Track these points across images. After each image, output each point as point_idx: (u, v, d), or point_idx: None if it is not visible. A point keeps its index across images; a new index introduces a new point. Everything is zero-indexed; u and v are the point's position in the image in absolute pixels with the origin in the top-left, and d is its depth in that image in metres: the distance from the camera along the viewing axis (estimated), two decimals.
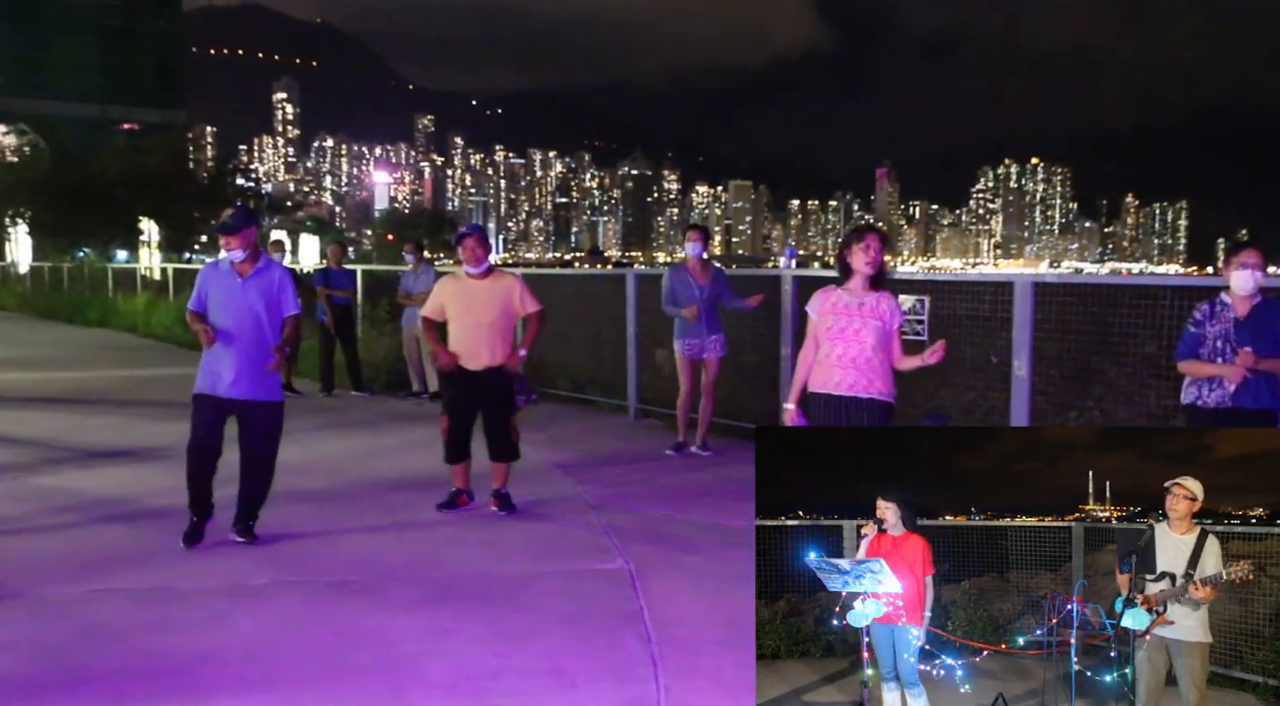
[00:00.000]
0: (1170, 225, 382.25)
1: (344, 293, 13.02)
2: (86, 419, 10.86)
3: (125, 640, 4.60)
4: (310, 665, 4.32)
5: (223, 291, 6.04)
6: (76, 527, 6.50)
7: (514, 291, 6.82)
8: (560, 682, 4.16)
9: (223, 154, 79.12)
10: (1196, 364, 5.37)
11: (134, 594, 5.25)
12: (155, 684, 4.12)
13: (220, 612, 4.97)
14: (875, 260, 5.41)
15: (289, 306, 6.15)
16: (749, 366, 10.03)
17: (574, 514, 6.94)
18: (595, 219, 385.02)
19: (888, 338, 5.41)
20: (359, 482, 7.84)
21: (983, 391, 7.98)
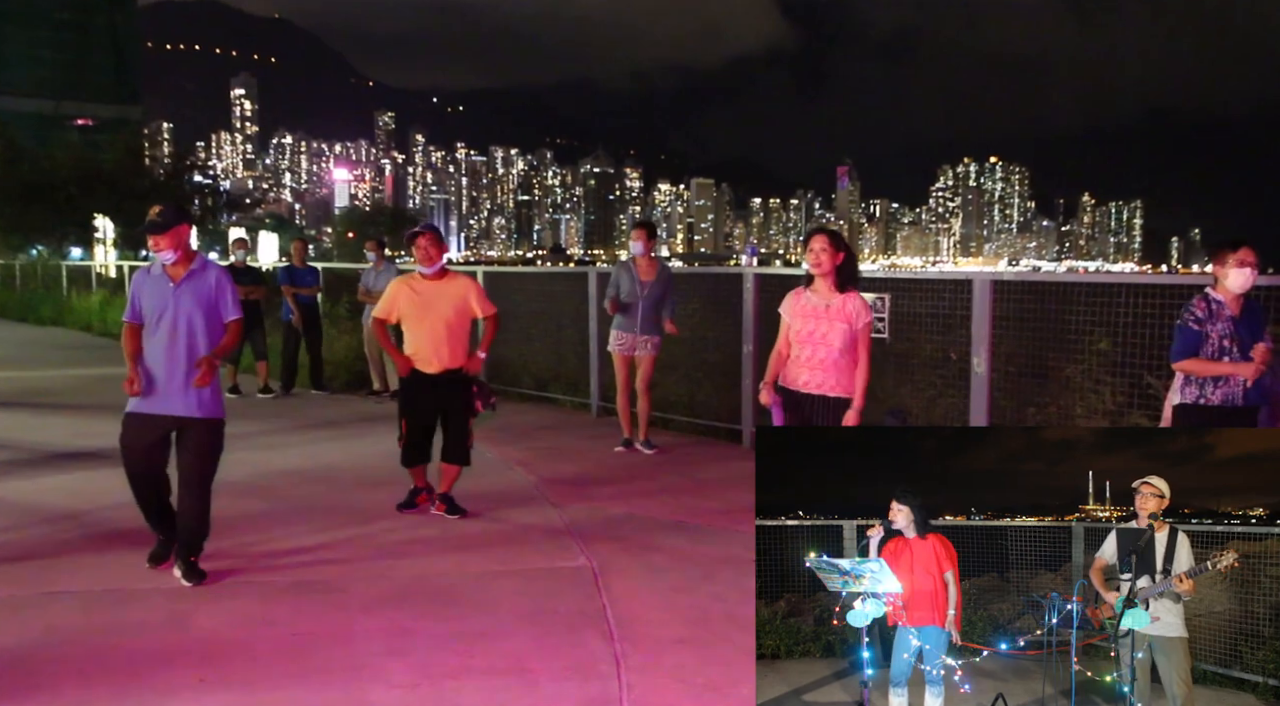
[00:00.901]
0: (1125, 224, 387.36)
1: (309, 290, 12.92)
2: (39, 419, 10.69)
3: (83, 642, 4.54)
4: (270, 665, 4.29)
5: (155, 298, 5.44)
6: (31, 529, 6.40)
7: (468, 293, 6.68)
8: (522, 681, 4.15)
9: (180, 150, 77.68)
10: (1204, 363, 5.22)
11: (91, 596, 5.18)
12: (114, 686, 4.07)
13: (179, 613, 4.92)
14: (819, 261, 5.60)
15: (230, 311, 5.54)
16: (710, 363, 10.06)
17: (536, 512, 6.93)
18: (557, 217, 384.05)
19: (853, 338, 5.58)
20: (320, 482, 7.78)
21: (942, 388, 8.05)
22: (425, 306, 6.58)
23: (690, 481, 7.86)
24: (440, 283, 6.66)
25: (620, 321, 8.88)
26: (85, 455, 8.66)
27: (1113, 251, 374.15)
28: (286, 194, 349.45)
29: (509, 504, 7.06)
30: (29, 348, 19.44)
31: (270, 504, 7.05)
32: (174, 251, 5.42)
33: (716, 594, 5.25)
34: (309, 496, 7.32)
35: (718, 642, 4.57)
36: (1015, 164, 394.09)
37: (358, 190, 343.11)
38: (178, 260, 5.45)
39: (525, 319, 12.36)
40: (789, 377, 5.69)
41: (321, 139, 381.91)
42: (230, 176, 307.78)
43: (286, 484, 7.70)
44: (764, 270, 9.54)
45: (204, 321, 5.45)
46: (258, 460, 8.52)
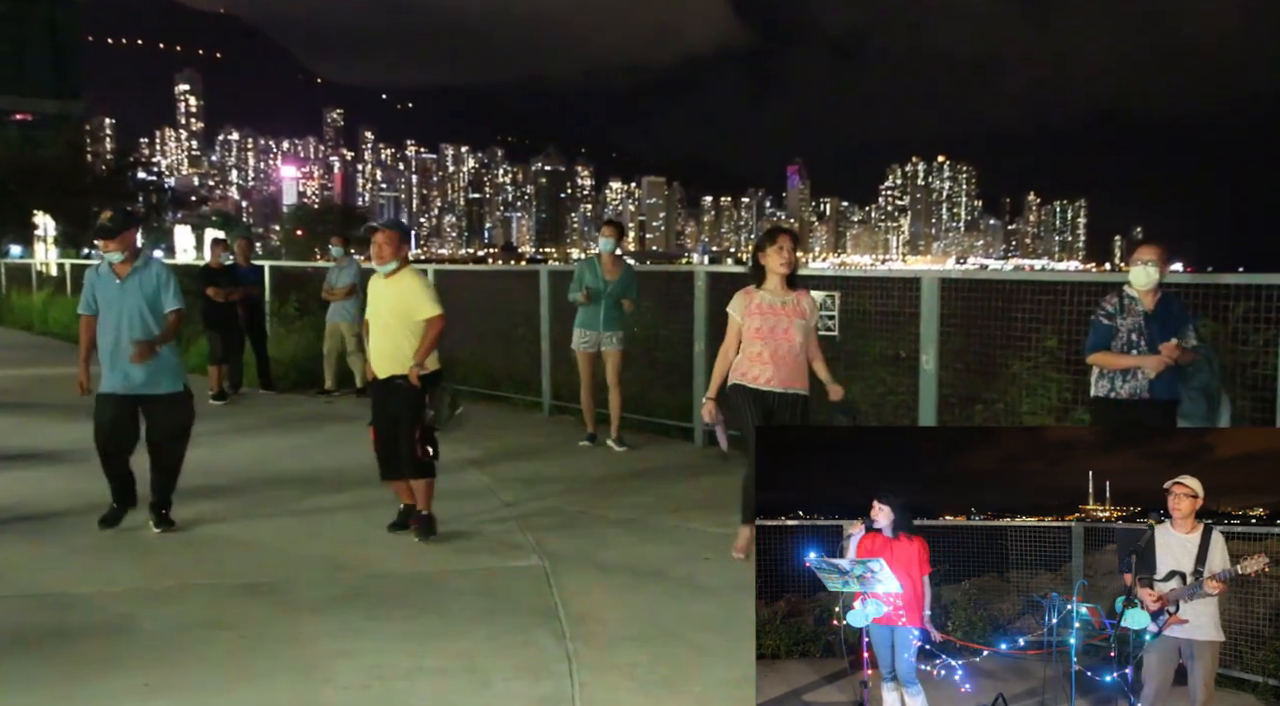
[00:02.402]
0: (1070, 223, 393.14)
1: (253, 288, 12.76)
2: None
3: (28, 646, 4.46)
4: (218, 668, 4.24)
5: (105, 293, 6.16)
6: None
7: (412, 293, 6.13)
8: (474, 681, 4.14)
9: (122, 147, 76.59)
10: (1112, 356, 5.42)
11: (36, 599, 5.08)
12: (59, 691, 4.01)
13: (124, 617, 4.85)
14: (789, 260, 5.67)
15: (169, 302, 6.21)
16: (662, 362, 10.08)
17: (487, 511, 6.90)
18: (509, 215, 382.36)
19: (809, 333, 5.71)
20: (269, 482, 7.70)
21: (891, 385, 8.13)
22: (377, 307, 6.23)
23: (642, 480, 7.87)
24: (389, 281, 6.21)
25: (583, 318, 8.88)
26: (26, 456, 8.49)
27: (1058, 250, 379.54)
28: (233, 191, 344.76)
29: (461, 502, 7.02)
30: None
31: (217, 504, 6.96)
32: (120, 252, 6.12)
33: (668, 591, 5.26)
34: (257, 496, 7.24)
35: (670, 639, 4.58)
36: (963, 163, 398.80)
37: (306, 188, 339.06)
38: (124, 259, 6.15)
39: (477, 318, 12.30)
40: (746, 374, 5.66)
41: (269, 136, 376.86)
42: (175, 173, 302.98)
43: (234, 484, 7.61)
44: (716, 268, 9.58)
45: (150, 312, 6.13)
46: (205, 460, 8.39)
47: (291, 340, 13.81)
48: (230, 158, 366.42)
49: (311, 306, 13.24)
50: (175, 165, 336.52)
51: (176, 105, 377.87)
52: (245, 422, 10.46)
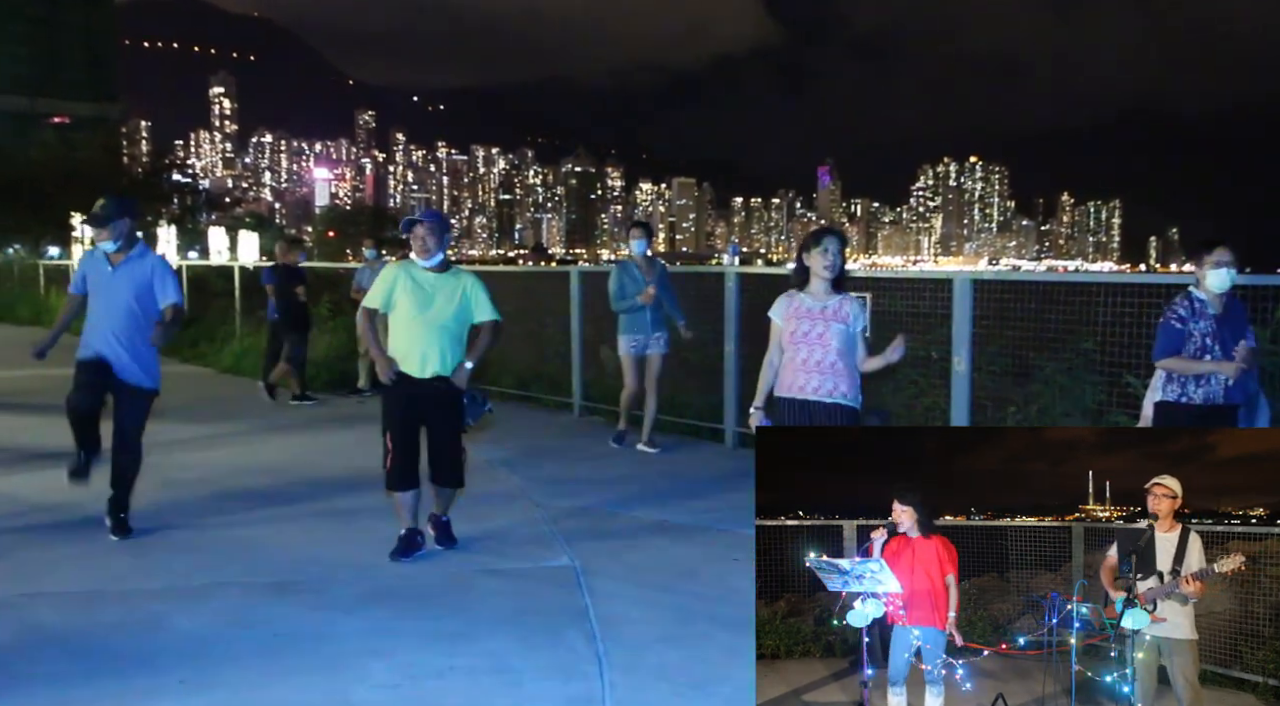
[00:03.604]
0: (1104, 223, 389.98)
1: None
2: (19, 419, 10.60)
3: (64, 643, 4.51)
4: (251, 666, 4.27)
5: (96, 278, 6.20)
6: (11, 530, 6.35)
7: (472, 294, 5.86)
8: (505, 681, 4.15)
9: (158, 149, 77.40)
10: (1185, 361, 5.25)
11: (72, 596, 5.14)
12: (95, 687, 4.04)
13: (160, 614, 4.89)
14: (834, 264, 5.37)
15: (168, 295, 6.14)
16: (693, 363, 10.06)
17: (518, 511, 6.92)
18: (539, 216, 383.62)
19: (852, 341, 5.38)
20: (301, 481, 7.75)
21: (923, 387, 8.08)
22: (421, 300, 5.74)
23: (673, 481, 7.86)
24: (442, 277, 5.83)
25: (628, 324, 8.78)
26: (63, 454, 8.58)
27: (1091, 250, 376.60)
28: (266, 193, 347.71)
29: (491, 503, 7.04)
30: (5, 348, 19.26)
31: (250, 503, 7.01)
32: (113, 241, 6.11)
33: (699, 593, 5.25)
34: (289, 495, 7.29)
35: (701, 641, 4.57)
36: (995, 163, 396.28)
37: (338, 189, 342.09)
38: (118, 248, 6.15)
39: (507, 318, 12.27)
40: (785, 384, 5.44)
41: (301, 138, 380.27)
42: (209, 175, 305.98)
43: (268, 483, 7.66)
44: (747, 269, 9.55)
45: (138, 304, 6.09)
46: (239, 459, 8.48)
47: (324, 340, 13.91)
48: (263, 159, 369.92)
49: (344, 307, 13.31)
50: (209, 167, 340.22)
51: (210, 108, 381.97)
52: (278, 422, 10.54)
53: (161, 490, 6.10)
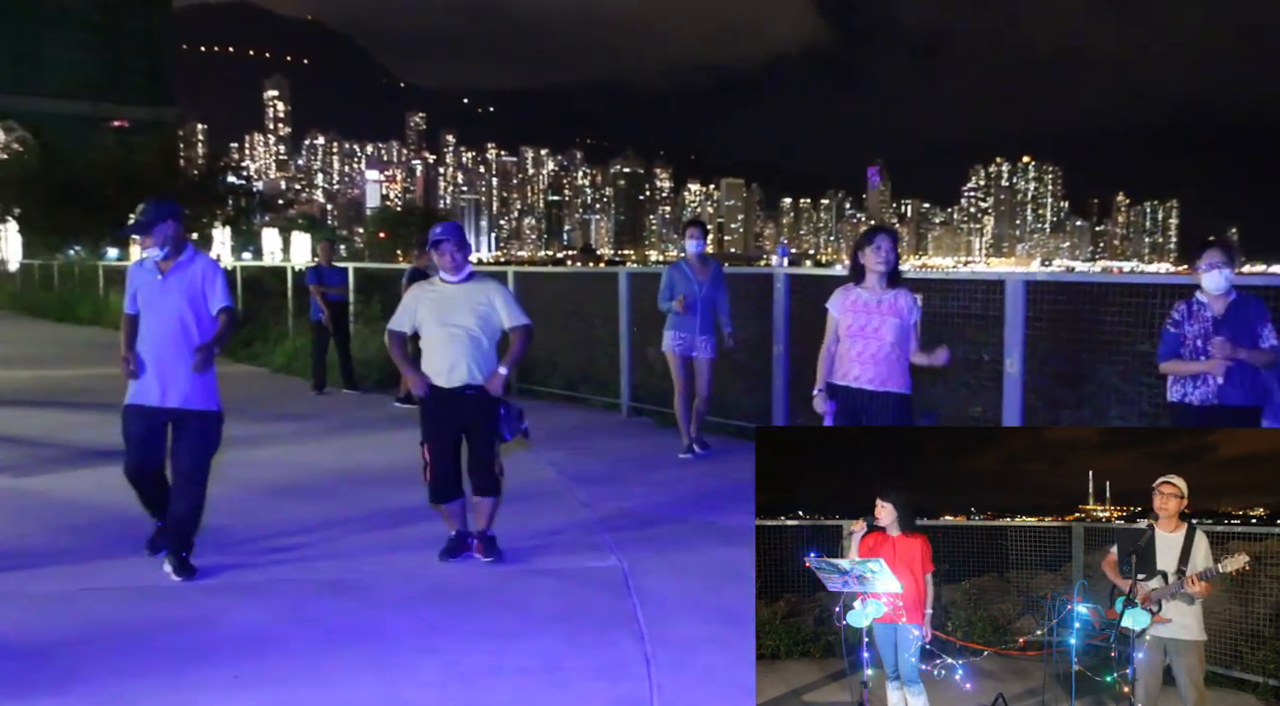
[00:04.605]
0: (1161, 224, 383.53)
1: (337, 289, 13.01)
2: (77, 417, 10.82)
3: (118, 638, 4.59)
4: (303, 663, 4.32)
5: (146, 291, 5.60)
6: (68, 526, 6.49)
7: (496, 302, 5.82)
8: (553, 680, 4.16)
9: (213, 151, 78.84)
10: (1178, 363, 5.41)
11: (126, 592, 5.24)
12: (149, 682, 4.12)
13: (213, 610, 4.97)
14: (886, 259, 5.68)
15: (219, 300, 5.58)
16: (740, 364, 10.04)
17: (567, 511, 6.94)
18: (587, 217, 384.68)
19: (906, 333, 5.66)
20: (352, 481, 7.83)
21: (974, 389, 7.99)
22: (448, 312, 5.74)
23: (720, 482, 7.84)
24: (467, 288, 5.81)
25: (676, 321, 8.70)
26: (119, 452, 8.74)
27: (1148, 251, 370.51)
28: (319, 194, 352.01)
29: (539, 503, 7.07)
30: (67, 347, 19.68)
31: (302, 502, 7.10)
32: (160, 247, 5.56)
33: (747, 594, 5.22)
34: (341, 495, 7.37)
35: (749, 644, 4.56)
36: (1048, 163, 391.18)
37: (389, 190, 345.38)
38: (166, 255, 5.59)
39: (555, 319, 12.38)
40: (839, 373, 5.75)
41: (353, 140, 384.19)
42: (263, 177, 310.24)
43: (319, 482, 7.76)
44: (795, 270, 9.51)
45: (191, 312, 5.53)
46: (290, 459, 8.59)
47: (375, 341, 14.04)
48: (316, 161, 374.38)
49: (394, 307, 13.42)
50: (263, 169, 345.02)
51: (265, 110, 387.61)
52: (330, 423, 10.66)
53: (214, 487, 6.18)
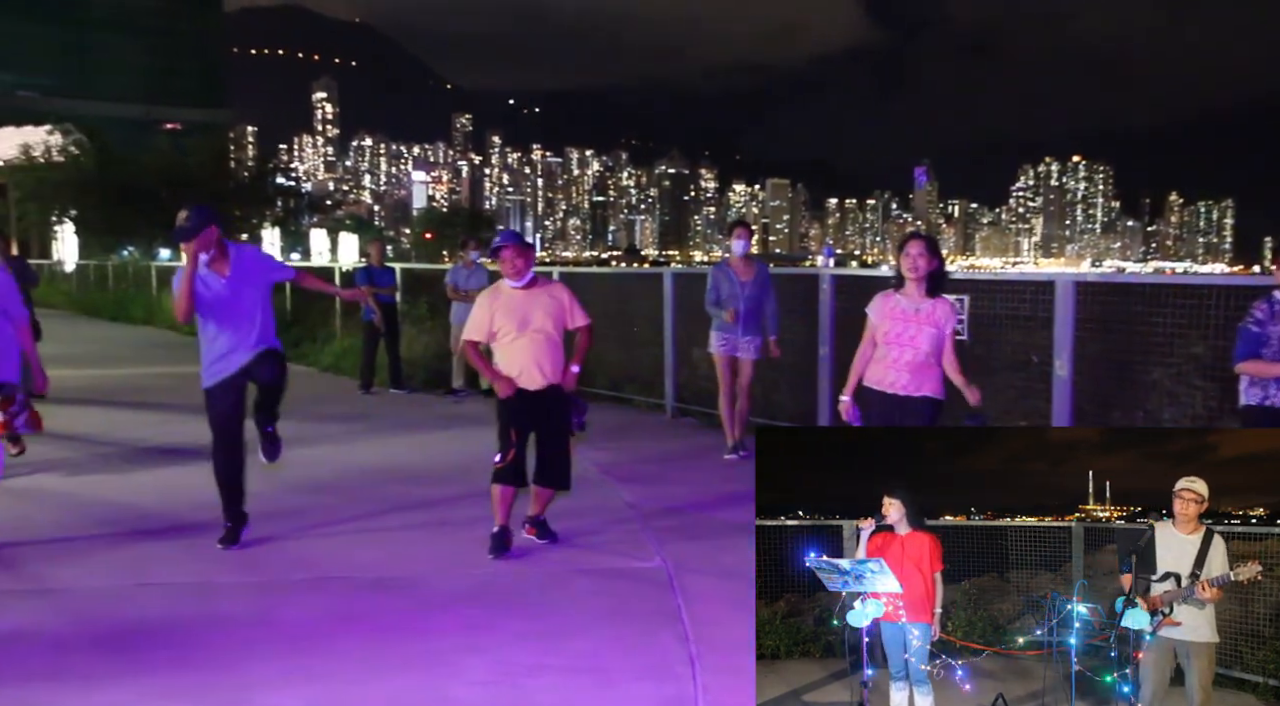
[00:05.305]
0: (1215, 224, 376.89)
1: (388, 290, 13.11)
2: (132, 415, 11.02)
3: (171, 634, 4.67)
4: (351, 660, 4.37)
5: (211, 296, 5.80)
6: (123, 523, 6.60)
7: (565, 303, 6.12)
8: (598, 681, 4.17)
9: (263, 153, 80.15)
10: (1262, 364, 5.19)
11: (180, 588, 5.33)
12: (200, 677, 4.18)
13: (263, 607, 5.04)
14: (915, 266, 5.67)
15: (280, 272, 6.14)
16: (785, 365, 10.00)
17: (611, 511, 6.96)
18: (632, 217, 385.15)
19: (941, 342, 5.67)
20: (398, 479, 7.90)
21: (1023, 391, 7.91)
22: (520, 318, 5.97)
23: None
24: (534, 292, 6.06)
25: (719, 323, 8.74)
26: (175, 451, 8.90)
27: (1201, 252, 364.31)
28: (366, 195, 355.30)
29: (585, 503, 7.09)
30: (121, 346, 20.03)
31: (350, 501, 7.17)
32: (207, 251, 5.76)
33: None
34: (389, 494, 7.44)
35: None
36: (1099, 163, 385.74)
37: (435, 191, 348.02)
38: (214, 257, 5.80)
39: (600, 320, 12.37)
40: (874, 377, 5.77)
41: (400, 141, 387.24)
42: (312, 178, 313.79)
43: (367, 481, 7.83)
44: (841, 271, 9.46)
45: (260, 299, 5.91)
46: (338, 458, 8.68)
47: (421, 341, 14.16)
48: (363, 163, 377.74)
49: (442, 308, 13.52)
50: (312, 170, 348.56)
51: (313, 112, 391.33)
52: (377, 422, 10.76)
53: (263, 486, 6.28)
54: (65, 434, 9.60)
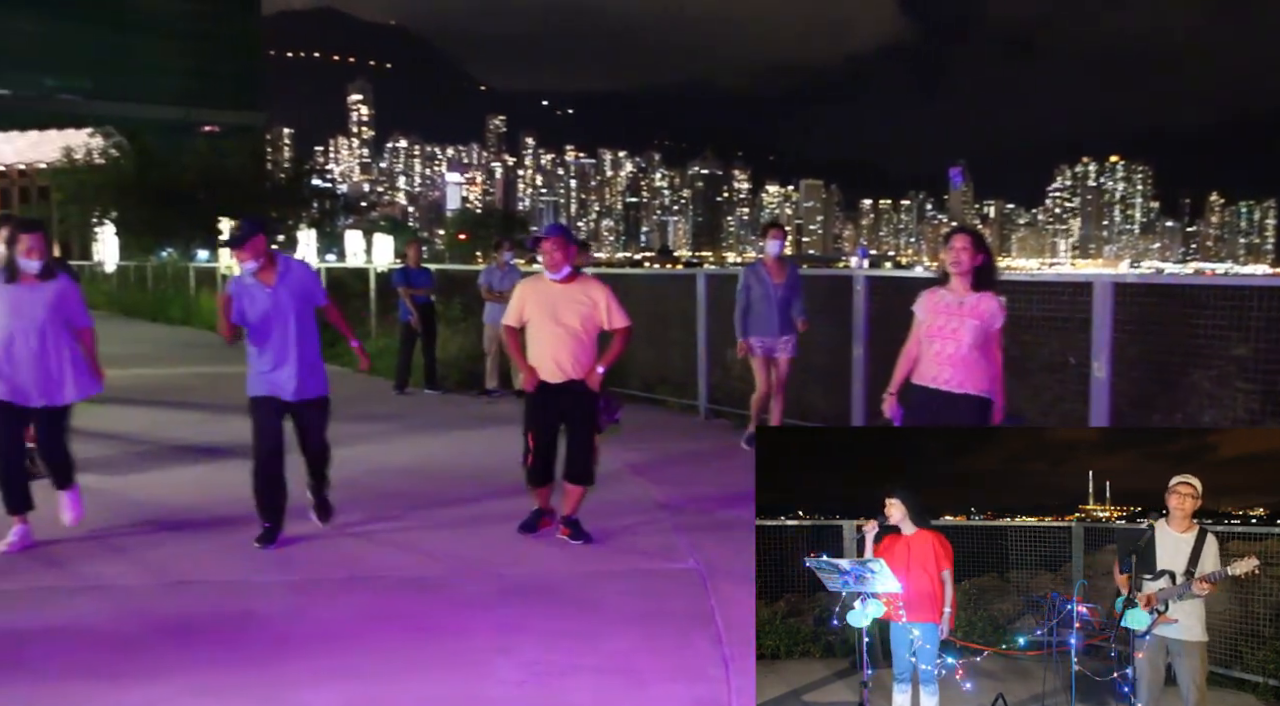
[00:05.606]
0: (1257, 224, 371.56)
1: (425, 291, 13.17)
2: (171, 415, 11.14)
3: (208, 632, 4.72)
4: (384, 659, 4.39)
5: (255, 303, 5.99)
6: (164, 521, 6.68)
7: (600, 302, 6.13)
8: (631, 682, 4.17)
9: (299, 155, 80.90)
10: None
11: (217, 586, 5.38)
12: (237, 674, 4.22)
13: (299, 606, 5.08)
14: (959, 260, 5.58)
15: (321, 297, 6.26)
16: (818, 366, 9.96)
17: (644, 513, 6.95)
18: (665, 218, 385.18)
19: (988, 338, 5.56)
20: (434, 480, 7.94)
21: (1060, 392, 7.83)
22: (551, 311, 6.06)
23: None
24: (569, 287, 6.12)
25: (755, 325, 8.79)
26: (212, 450, 8.99)
27: (1243, 253, 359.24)
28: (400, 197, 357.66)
29: (617, 504, 7.09)
30: (159, 347, 20.26)
31: (384, 501, 7.21)
32: (255, 260, 5.95)
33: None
34: (422, 494, 7.47)
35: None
36: (1138, 163, 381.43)
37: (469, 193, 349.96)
38: (262, 266, 5.98)
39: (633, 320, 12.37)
40: (920, 374, 5.70)
41: (434, 143, 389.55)
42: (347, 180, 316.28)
43: (401, 481, 7.88)
44: (875, 272, 9.42)
45: (302, 313, 6.07)
46: (373, 457, 8.73)
47: (455, 342, 14.21)
48: (398, 164, 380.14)
49: (476, 308, 13.57)
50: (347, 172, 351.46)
51: (349, 114, 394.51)
52: (412, 422, 10.81)
53: (298, 486, 6.33)
54: (108, 432, 9.72)
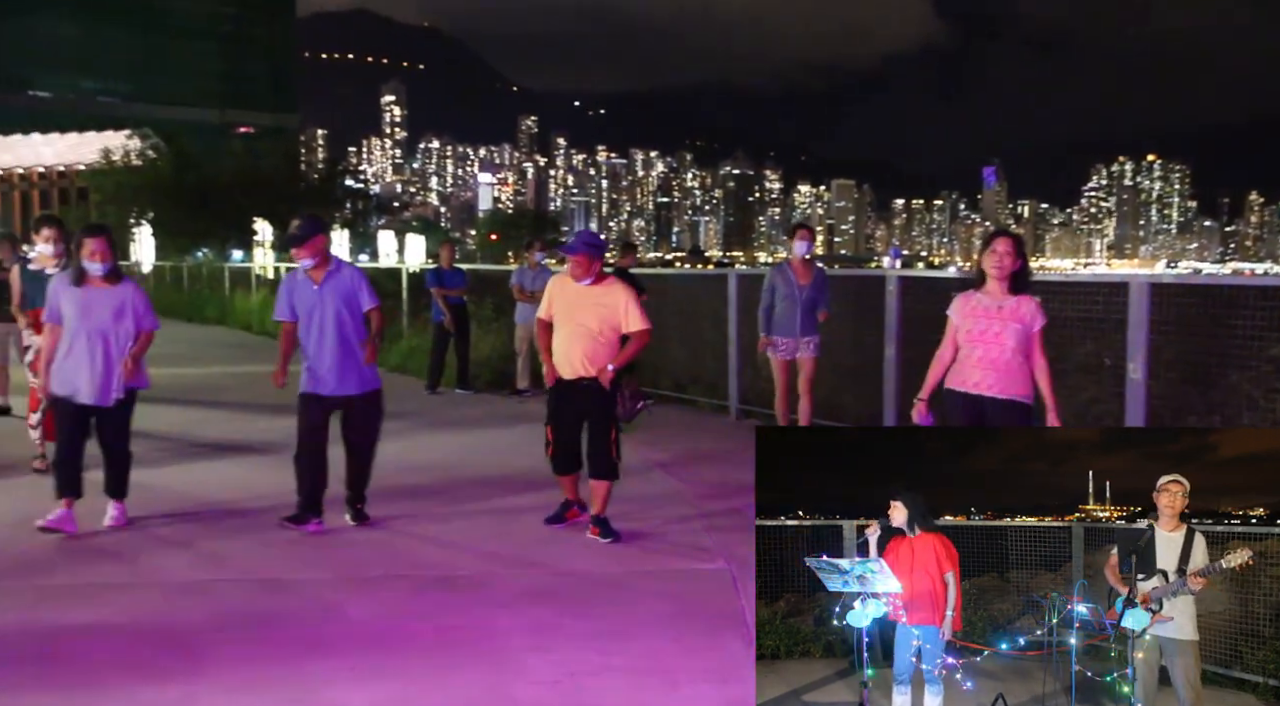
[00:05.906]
0: None
1: (458, 292, 13.23)
2: (208, 413, 11.25)
3: (242, 628, 4.76)
4: (416, 657, 4.41)
5: (304, 299, 6.40)
6: (198, 519, 6.75)
7: (621, 305, 6.25)
8: (662, 681, 4.17)
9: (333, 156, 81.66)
10: None
11: (252, 583, 5.42)
12: (272, 671, 4.25)
13: (332, 604, 5.11)
14: (1001, 264, 5.51)
15: (368, 301, 6.47)
16: (850, 368, 9.92)
17: (674, 513, 6.95)
18: (696, 219, 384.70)
19: (1028, 340, 5.46)
20: (466, 479, 7.97)
21: (1095, 393, 7.76)
22: (573, 310, 6.28)
23: None
24: (593, 289, 6.29)
25: (777, 326, 8.80)
26: (247, 448, 9.08)
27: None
28: (433, 197, 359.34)
29: (648, 505, 7.09)
30: (195, 346, 20.45)
31: (416, 500, 7.25)
32: (312, 258, 6.34)
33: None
34: (454, 492, 7.51)
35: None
36: (1175, 162, 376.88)
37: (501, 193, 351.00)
38: (316, 265, 6.37)
39: (663, 321, 12.39)
40: (957, 379, 5.58)
41: (467, 143, 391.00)
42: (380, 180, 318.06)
43: (433, 480, 7.91)
44: (908, 272, 9.37)
45: (348, 313, 6.39)
46: (405, 456, 8.77)
47: (487, 342, 14.26)
48: (430, 165, 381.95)
49: (507, 308, 13.62)
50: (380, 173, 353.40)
51: (382, 115, 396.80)
52: (443, 421, 10.87)
53: (331, 486, 6.38)
54: (140, 430, 9.81)
